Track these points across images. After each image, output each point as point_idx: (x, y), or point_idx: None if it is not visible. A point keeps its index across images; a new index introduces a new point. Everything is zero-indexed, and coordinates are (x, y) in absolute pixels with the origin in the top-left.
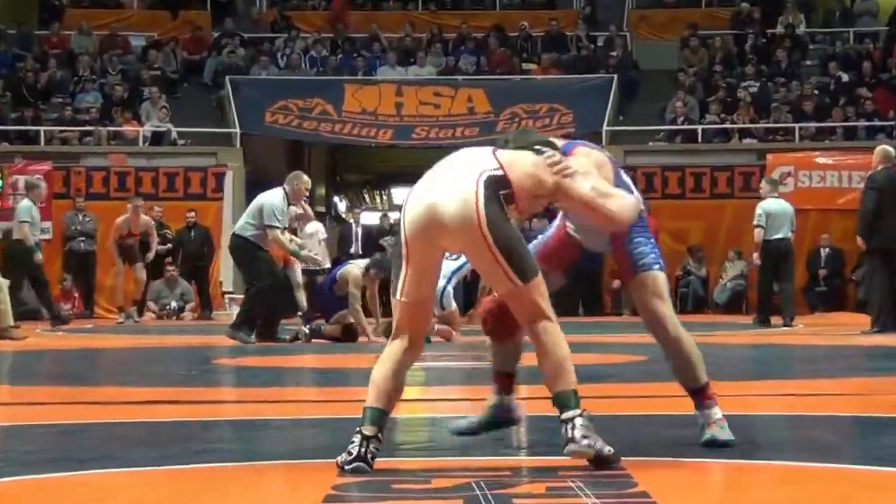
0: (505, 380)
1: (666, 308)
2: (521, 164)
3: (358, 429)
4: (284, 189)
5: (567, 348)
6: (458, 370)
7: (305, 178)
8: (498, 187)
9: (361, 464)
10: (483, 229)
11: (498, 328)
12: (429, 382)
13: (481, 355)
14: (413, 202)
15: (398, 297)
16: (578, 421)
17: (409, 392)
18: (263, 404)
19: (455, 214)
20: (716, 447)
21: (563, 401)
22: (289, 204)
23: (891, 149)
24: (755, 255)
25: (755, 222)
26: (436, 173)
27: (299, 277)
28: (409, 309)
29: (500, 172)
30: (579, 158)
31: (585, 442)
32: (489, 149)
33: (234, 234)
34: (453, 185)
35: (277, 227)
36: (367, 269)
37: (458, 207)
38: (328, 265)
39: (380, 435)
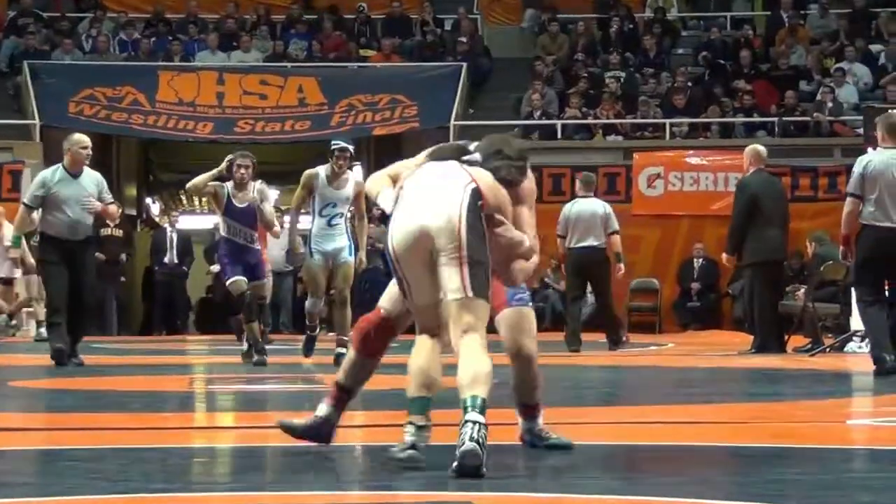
0: (343, 395)
1: (534, 346)
2: (485, 179)
3: (408, 420)
4: (63, 164)
5: (491, 366)
6: (279, 393)
7: (78, 137)
8: (476, 198)
9: (414, 451)
10: (461, 232)
11: (374, 344)
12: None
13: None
14: (402, 223)
15: (410, 305)
16: (482, 430)
17: (240, 419)
18: (65, 432)
19: (441, 224)
20: (561, 449)
21: (478, 404)
22: (73, 176)
23: (762, 148)
24: (724, 255)
25: (557, 230)
26: (423, 192)
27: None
28: (419, 312)
29: (475, 185)
30: (530, 183)
31: (481, 450)
32: (455, 163)
33: None
34: (442, 203)
35: (26, 204)
36: None
37: (445, 217)
38: None
39: (429, 423)
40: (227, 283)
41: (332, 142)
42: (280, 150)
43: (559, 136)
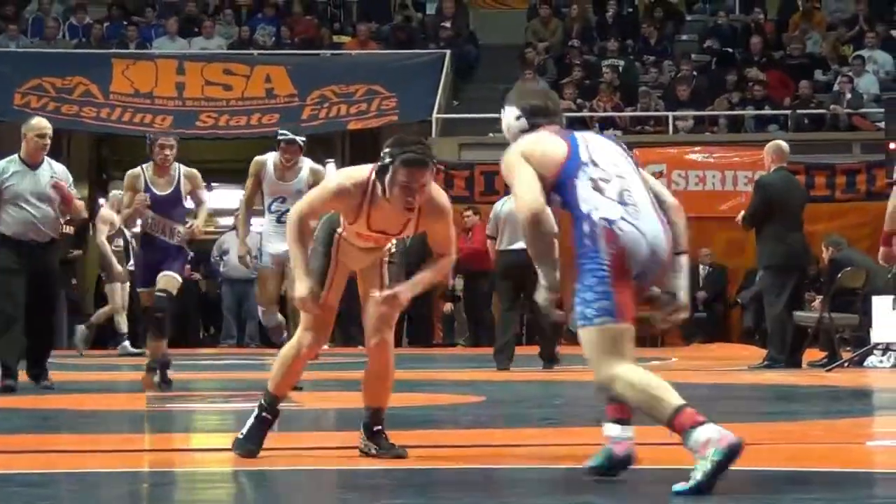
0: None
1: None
2: None
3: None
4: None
5: None
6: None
7: (36, 122)
8: None
9: None
10: None
11: None
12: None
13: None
14: None
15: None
16: None
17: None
18: (14, 455)
19: None
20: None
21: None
22: (30, 167)
23: (785, 144)
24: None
25: (486, 230)
26: None
27: None
28: None
29: None
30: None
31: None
32: None
33: None
34: None
35: None
36: None
37: None
38: None
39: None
40: (139, 291)
41: (279, 132)
42: (246, 147)
43: None
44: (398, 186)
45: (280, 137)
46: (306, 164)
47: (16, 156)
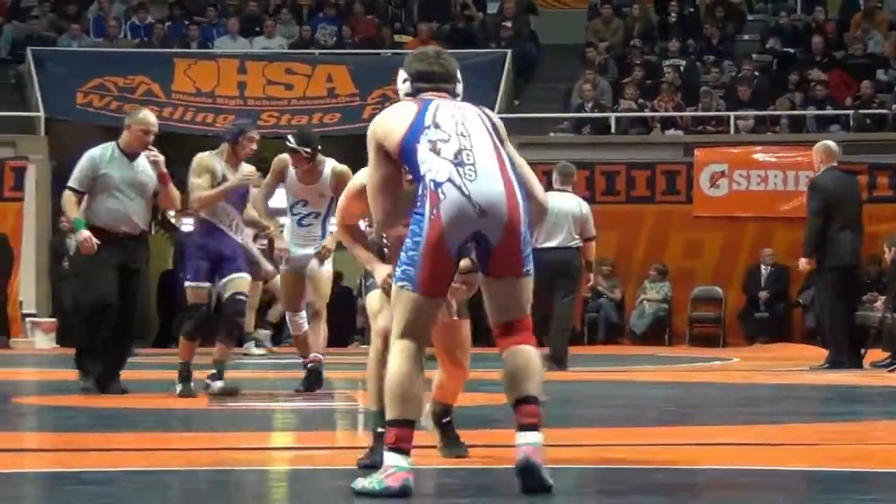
0: None
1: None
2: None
3: None
4: (117, 142)
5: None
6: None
7: (144, 115)
8: None
9: None
10: None
11: None
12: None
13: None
14: None
15: None
16: None
17: (263, 439)
18: (75, 453)
19: None
20: None
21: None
22: (128, 157)
23: (833, 144)
24: (803, 260)
25: None
26: None
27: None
28: None
29: None
30: None
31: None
32: None
33: None
34: None
35: (70, 188)
36: None
37: None
38: None
39: None
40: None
41: (288, 137)
42: None
43: (613, 130)
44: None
45: (288, 145)
46: (328, 165)
47: (114, 143)
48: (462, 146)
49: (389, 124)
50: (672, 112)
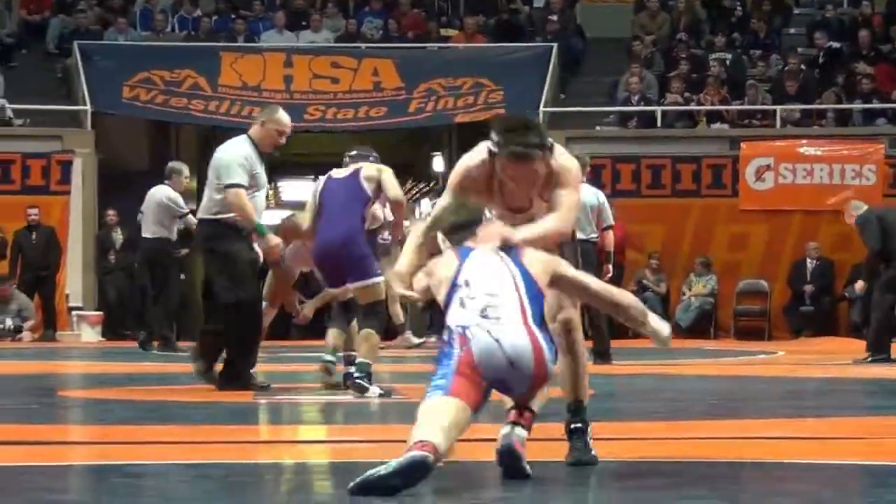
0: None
1: None
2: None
3: None
4: (249, 136)
5: None
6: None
7: (282, 115)
8: None
9: None
10: None
11: None
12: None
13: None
14: None
15: None
16: None
17: (309, 432)
18: (120, 446)
19: None
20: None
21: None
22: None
23: (860, 202)
24: (858, 284)
25: None
26: None
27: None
28: None
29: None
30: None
31: None
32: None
33: (200, 221)
34: None
35: (239, 185)
36: None
37: None
38: None
39: None
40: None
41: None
42: (353, 139)
43: (659, 123)
44: (509, 178)
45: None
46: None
47: (246, 138)
48: (488, 304)
49: (440, 274)
50: (718, 106)
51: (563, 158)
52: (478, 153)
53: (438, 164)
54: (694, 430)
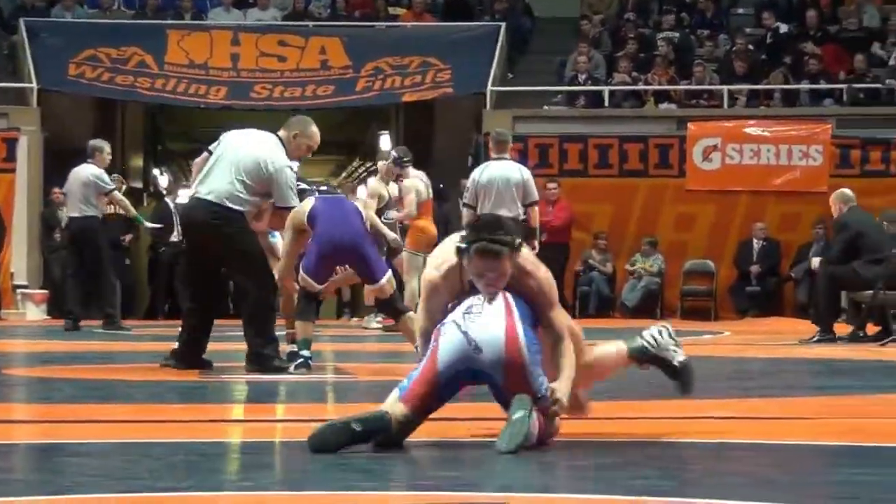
0: None
1: None
2: None
3: None
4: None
5: None
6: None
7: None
8: None
9: None
10: None
11: None
12: (279, 399)
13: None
14: None
15: None
16: None
17: (253, 411)
18: (64, 425)
19: None
20: None
21: None
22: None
23: (848, 190)
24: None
25: (463, 199)
26: None
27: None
28: None
29: None
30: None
31: None
32: None
33: (212, 204)
34: None
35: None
36: None
37: None
38: None
39: None
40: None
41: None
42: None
43: (606, 103)
44: (475, 275)
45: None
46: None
47: (282, 147)
48: (474, 303)
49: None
50: (665, 86)
51: (531, 266)
52: (443, 257)
53: (385, 142)
54: (639, 410)
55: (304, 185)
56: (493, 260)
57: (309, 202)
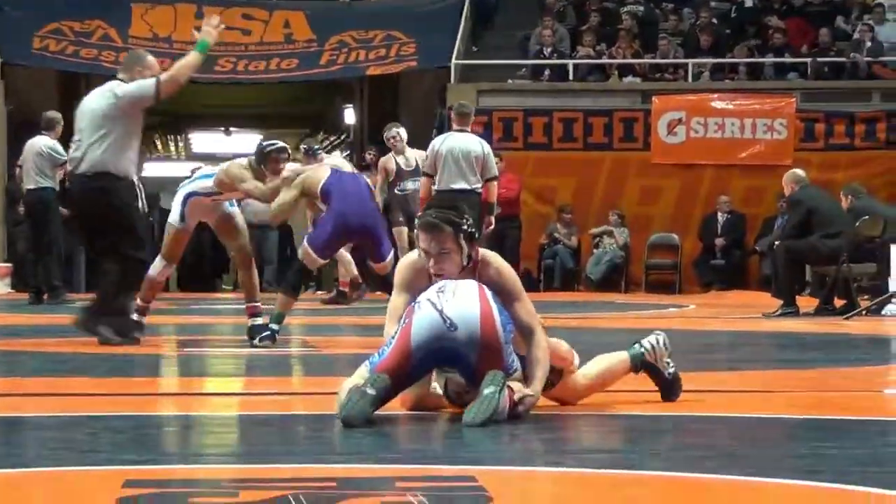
0: None
1: None
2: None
3: None
4: None
5: None
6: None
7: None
8: None
9: None
10: None
11: None
12: (243, 373)
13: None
14: None
15: None
16: None
17: (217, 385)
18: (28, 398)
19: None
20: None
21: None
22: None
23: (800, 171)
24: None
25: (422, 167)
26: None
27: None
28: None
29: None
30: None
31: None
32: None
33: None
34: None
35: None
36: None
37: None
38: None
39: None
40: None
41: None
42: (264, 91)
43: (571, 77)
44: (424, 254)
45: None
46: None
47: None
48: (446, 284)
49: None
50: (630, 59)
51: (492, 257)
52: (414, 254)
53: (350, 116)
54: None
55: None
56: (434, 232)
57: (324, 171)
